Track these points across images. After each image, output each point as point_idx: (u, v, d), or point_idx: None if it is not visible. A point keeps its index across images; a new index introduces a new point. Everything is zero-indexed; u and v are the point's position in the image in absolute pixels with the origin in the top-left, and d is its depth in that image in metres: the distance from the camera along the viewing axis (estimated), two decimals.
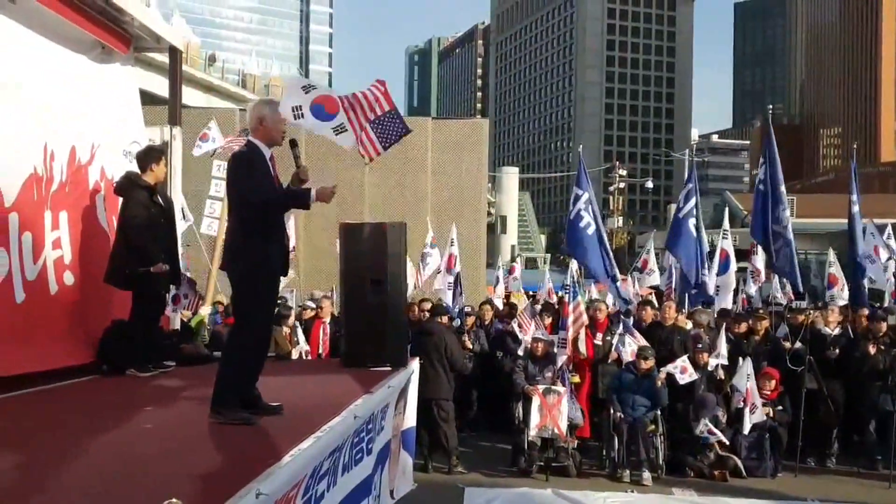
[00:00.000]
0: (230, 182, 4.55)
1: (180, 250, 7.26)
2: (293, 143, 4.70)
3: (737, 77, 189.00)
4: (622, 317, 10.73)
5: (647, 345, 9.47)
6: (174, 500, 1.91)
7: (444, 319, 9.71)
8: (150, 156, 6.35)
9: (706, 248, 13.13)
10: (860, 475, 9.16)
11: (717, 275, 12.99)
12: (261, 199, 4.36)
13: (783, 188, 10.63)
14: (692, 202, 12.42)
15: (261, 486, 2.94)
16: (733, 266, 13.11)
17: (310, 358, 9.83)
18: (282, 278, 4.81)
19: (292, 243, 13.34)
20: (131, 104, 7.46)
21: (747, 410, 8.75)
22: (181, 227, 9.54)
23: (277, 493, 3.18)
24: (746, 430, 8.83)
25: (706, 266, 12.58)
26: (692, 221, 12.24)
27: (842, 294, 13.17)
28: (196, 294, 10.04)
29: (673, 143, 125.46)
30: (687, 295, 12.43)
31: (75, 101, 6.39)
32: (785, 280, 12.20)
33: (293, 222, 13.19)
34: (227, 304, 9.76)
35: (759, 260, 13.05)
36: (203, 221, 11.20)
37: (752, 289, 13.92)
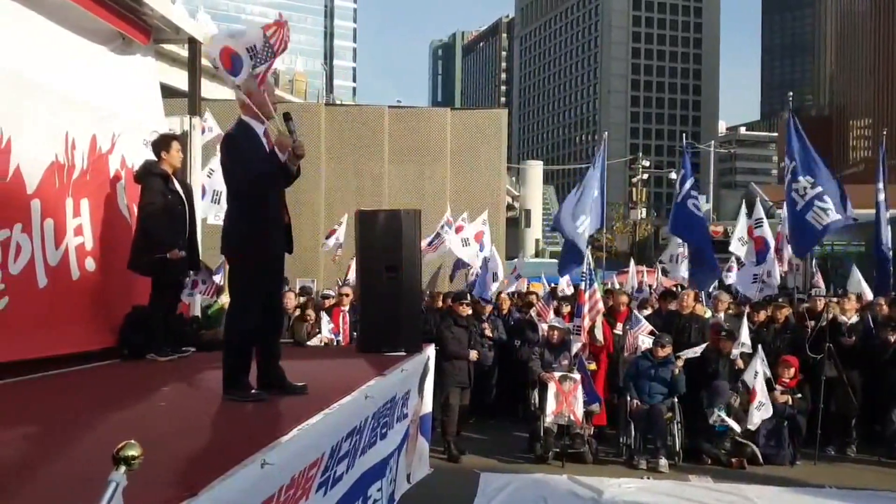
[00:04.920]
0: (222, 164, 4.55)
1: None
2: (287, 117, 4.58)
3: (765, 69, 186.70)
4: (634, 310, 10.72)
5: (657, 332, 9.48)
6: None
7: (464, 308, 9.65)
8: (161, 143, 6.43)
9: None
10: (881, 464, 9.10)
11: (756, 264, 12.90)
12: (247, 177, 4.32)
13: (812, 164, 10.62)
14: (688, 184, 12.32)
15: (266, 456, 3.00)
16: (772, 254, 12.89)
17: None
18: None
19: (340, 239, 13.49)
20: (151, 94, 7.58)
21: (753, 407, 8.69)
22: (215, 209, 9.66)
23: (287, 466, 3.24)
24: (752, 426, 8.78)
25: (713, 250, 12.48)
26: (692, 202, 12.14)
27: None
28: (213, 281, 10.16)
29: (700, 135, 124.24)
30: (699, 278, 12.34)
31: (96, 91, 6.50)
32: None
33: (345, 221, 13.33)
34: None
35: (784, 249, 12.87)
36: (210, 211, 11.25)
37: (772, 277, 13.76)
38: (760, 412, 8.70)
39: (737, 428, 8.73)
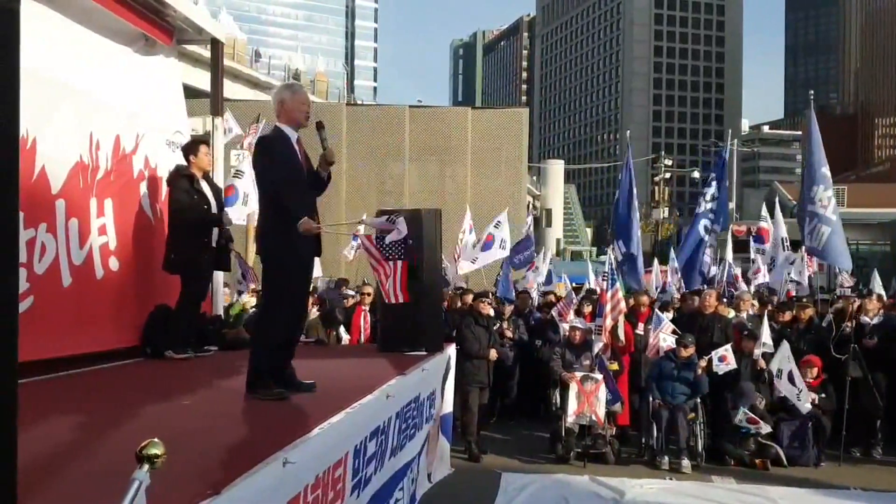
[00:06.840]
0: (254, 166, 4.68)
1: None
2: (320, 126, 4.69)
3: (788, 67, 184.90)
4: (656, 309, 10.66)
5: (679, 330, 9.41)
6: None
7: (485, 306, 9.63)
8: (189, 147, 6.64)
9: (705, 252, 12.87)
10: None
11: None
12: (280, 180, 4.43)
13: (824, 169, 10.34)
14: (706, 206, 12.25)
15: (288, 454, 3.01)
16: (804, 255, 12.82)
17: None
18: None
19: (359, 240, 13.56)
20: (174, 95, 7.63)
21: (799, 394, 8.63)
22: (244, 211, 9.74)
23: (310, 465, 3.26)
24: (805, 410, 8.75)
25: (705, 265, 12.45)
26: (704, 223, 12.06)
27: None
28: (251, 270, 10.25)
29: (722, 134, 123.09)
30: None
31: (120, 92, 6.56)
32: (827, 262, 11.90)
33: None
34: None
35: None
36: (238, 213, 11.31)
37: (804, 277, 13.68)
38: (802, 401, 8.66)
39: (763, 430, 8.64)
